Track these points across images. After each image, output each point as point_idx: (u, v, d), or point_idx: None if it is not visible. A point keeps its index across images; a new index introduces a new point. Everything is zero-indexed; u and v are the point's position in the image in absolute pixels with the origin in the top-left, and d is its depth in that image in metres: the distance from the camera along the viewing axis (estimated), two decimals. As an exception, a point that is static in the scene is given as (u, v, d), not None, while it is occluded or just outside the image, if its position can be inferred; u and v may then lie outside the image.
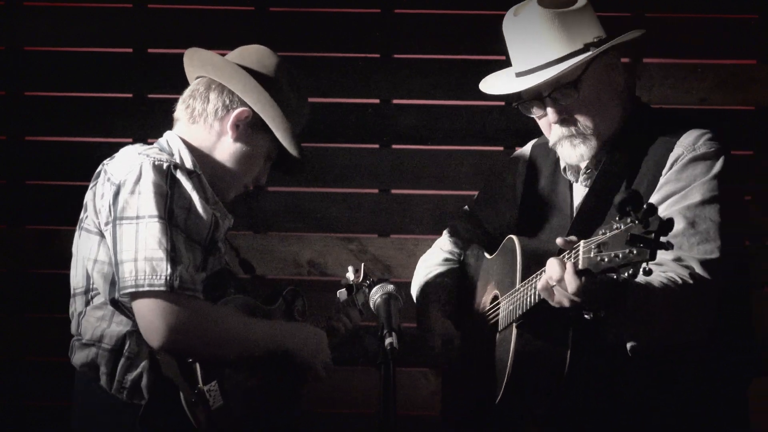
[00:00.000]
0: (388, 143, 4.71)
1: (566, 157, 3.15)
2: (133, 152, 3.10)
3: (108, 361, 3.06)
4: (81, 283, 3.13)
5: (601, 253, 2.59)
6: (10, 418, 4.72)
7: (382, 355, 2.69)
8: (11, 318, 4.73)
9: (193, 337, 2.98)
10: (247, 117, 3.20)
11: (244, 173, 3.26)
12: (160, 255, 2.95)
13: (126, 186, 3.01)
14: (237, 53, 3.30)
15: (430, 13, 4.70)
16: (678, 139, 3.04)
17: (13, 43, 4.73)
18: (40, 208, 4.71)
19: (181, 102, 3.27)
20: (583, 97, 3.09)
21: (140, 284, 2.95)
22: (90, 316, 3.10)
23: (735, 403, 3.08)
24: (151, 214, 2.97)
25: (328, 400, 4.58)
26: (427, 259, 3.58)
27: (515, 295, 3.00)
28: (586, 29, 3.10)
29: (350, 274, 3.64)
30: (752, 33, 4.54)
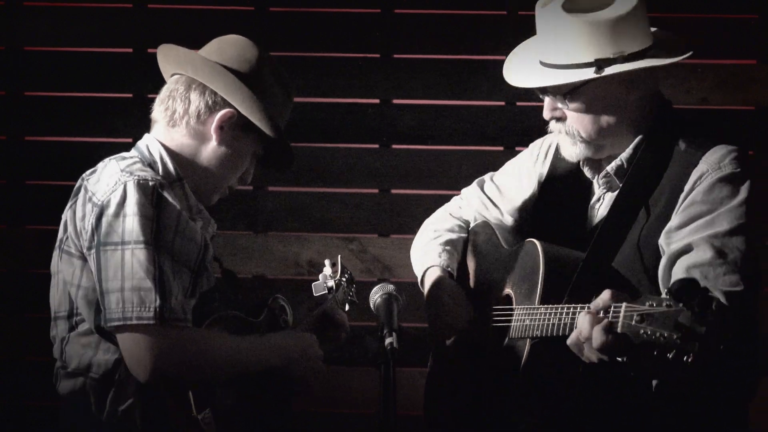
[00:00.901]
0: (388, 143, 4.71)
1: (563, 151, 3.14)
2: (115, 169, 2.94)
3: (97, 390, 2.92)
4: (63, 307, 2.98)
5: (643, 324, 2.53)
6: (10, 418, 4.72)
7: (382, 355, 2.69)
8: (11, 318, 4.73)
9: (183, 369, 2.85)
10: (232, 117, 3.02)
11: (229, 176, 3.10)
12: (148, 285, 2.80)
13: (109, 208, 2.86)
14: (215, 48, 3.11)
15: (430, 13, 4.70)
16: (703, 154, 2.96)
17: (13, 43, 4.73)
18: (40, 208, 4.71)
19: (159, 103, 3.09)
20: (574, 108, 3.03)
21: (128, 317, 2.80)
22: (75, 343, 2.95)
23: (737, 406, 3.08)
24: (137, 239, 2.82)
25: (328, 400, 4.58)
26: (435, 222, 3.53)
27: (535, 314, 2.96)
28: (610, 42, 2.98)
29: (327, 269, 3.60)
30: (752, 33, 4.54)
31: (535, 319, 2.95)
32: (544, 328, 2.90)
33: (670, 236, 2.93)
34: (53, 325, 3.02)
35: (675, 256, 2.91)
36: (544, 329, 2.90)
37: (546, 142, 3.38)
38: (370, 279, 4.65)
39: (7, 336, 4.71)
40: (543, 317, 2.92)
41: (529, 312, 3.00)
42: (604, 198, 3.13)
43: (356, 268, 4.68)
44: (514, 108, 4.67)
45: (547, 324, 2.89)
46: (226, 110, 3.02)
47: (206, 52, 3.12)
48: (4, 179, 4.75)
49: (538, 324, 2.93)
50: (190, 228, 2.93)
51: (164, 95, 3.08)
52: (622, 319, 2.58)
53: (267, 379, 3.05)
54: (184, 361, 2.85)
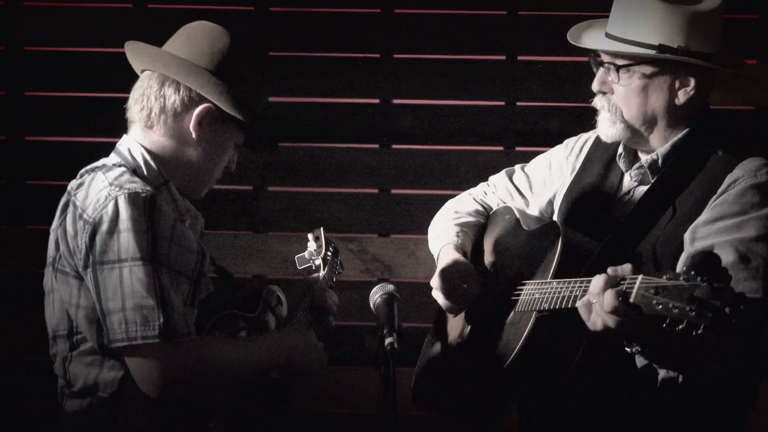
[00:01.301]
0: (388, 143, 4.71)
1: (599, 130, 3.15)
2: (103, 183, 2.86)
3: (106, 409, 2.87)
4: (62, 326, 2.91)
5: (657, 296, 2.54)
6: (10, 418, 4.72)
7: (382, 355, 2.68)
8: (11, 318, 4.73)
9: (194, 383, 2.83)
10: (210, 112, 2.95)
11: (214, 169, 3.04)
12: (151, 303, 2.74)
13: (102, 225, 2.79)
14: (184, 41, 3.03)
15: (430, 13, 4.70)
16: (739, 161, 2.98)
17: (13, 43, 4.73)
18: (40, 208, 4.67)
19: (134, 102, 3.01)
20: (624, 84, 3.04)
21: (132, 337, 2.75)
22: (78, 362, 2.90)
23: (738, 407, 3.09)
24: (134, 256, 2.75)
25: (328, 400, 4.59)
26: (457, 204, 3.53)
27: (545, 287, 2.97)
28: (679, 34, 3.00)
29: (311, 243, 3.60)
30: (752, 33, 4.54)
31: (545, 292, 2.95)
32: (554, 300, 2.90)
33: (695, 231, 2.94)
34: (52, 343, 2.96)
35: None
36: (553, 302, 2.89)
37: (582, 138, 3.39)
38: (370, 279, 4.66)
39: (7, 336, 4.71)
40: (554, 290, 2.92)
41: (539, 286, 3.00)
42: (634, 192, 3.14)
43: (356, 268, 4.68)
44: (514, 108, 4.67)
45: (558, 296, 2.89)
46: (203, 106, 2.95)
47: (175, 45, 3.05)
48: (4, 179, 4.75)
49: (547, 297, 2.93)
50: (186, 236, 2.88)
51: (138, 94, 3.02)
52: (637, 289, 2.59)
53: (268, 378, 3.05)
54: (194, 375, 2.83)
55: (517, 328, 3.02)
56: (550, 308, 2.90)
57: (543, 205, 3.40)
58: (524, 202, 3.44)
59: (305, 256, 3.60)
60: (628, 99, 3.06)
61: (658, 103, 3.06)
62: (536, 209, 3.41)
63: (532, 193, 3.44)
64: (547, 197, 3.40)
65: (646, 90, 3.05)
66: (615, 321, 2.65)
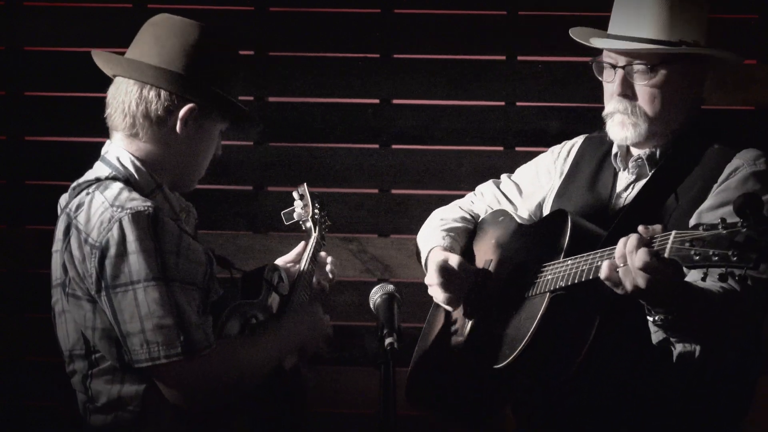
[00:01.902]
0: (388, 143, 4.71)
1: (612, 133, 3.16)
2: (104, 204, 2.86)
3: (131, 422, 2.89)
4: (78, 346, 2.93)
5: (694, 247, 2.56)
6: (10, 418, 4.72)
7: (382, 355, 2.68)
8: (11, 318, 4.73)
9: (221, 390, 2.87)
10: (193, 111, 2.94)
11: (203, 161, 3.04)
12: (170, 322, 2.77)
13: (110, 249, 2.79)
14: (152, 42, 2.98)
15: (430, 13, 4.70)
16: (737, 151, 3.06)
17: (13, 43, 4.73)
18: (40, 208, 4.69)
19: (114, 110, 3.02)
20: (651, 85, 3.08)
21: (155, 357, 2.78)
22: (99, 380, 2.91)
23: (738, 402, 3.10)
24: (146, 277, 2.77)
25: (328, 400, 4.58)
26: (443, 212, 3.55)
27: (558, 267, 2.98)
28: (689, 27, 3.10)
29: (297, 202, 3.65)
30: (752, 33, 4.54)
31: (559, 271, 2.96)
32: (572, 276, 2.91)
33: (701, 216, 2.98)
34: (69, 361, 2.98)
35: None
36: (571, 277, 2.90)
37: (568, 144, 3.44)
38: (370, 279, 4.66)
39: (7, 336, 4.71)
40: (570, 267, 2.93)
41: (551, 267, 3.01)
42: (634, 187, 3.17)
43: (356, 268, 4.68)
44: (514, 108, 4.67)
45: (576, 271, 2.90)
46: (187, 107, 2.94)
47: (145, 47, 3.00)
48: (4, 179, 4.75)
49: (563, 274, 2.94)
50: (192, 248, 2.88)
51: (117, 101, 3.01)
52: (671, 244, 2.61)
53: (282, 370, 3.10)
54: (221, 383, 2.87)
55: (528, 312, 3.01)
56: (567, 284, 2.91)
57: (532, 209, 3.42)
58: (513, 207, 3.46)
59: (292, 215, 3.64)
60: (653, 99, 3.09)
61: (676, 99, 3.12)
62: (525, 213, 3.43)
63: (521, 198, 3.45)
64: (536, 201, 3.42)
65: (670, 88, 3.10)
66: (645, 279, 2.66)
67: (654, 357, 2.94)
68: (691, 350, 2.85)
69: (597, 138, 3.36)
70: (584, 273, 2.87)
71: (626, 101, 3.10)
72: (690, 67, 3.11)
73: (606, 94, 3.17)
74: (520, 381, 3.07)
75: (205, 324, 2.86)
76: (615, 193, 3.20)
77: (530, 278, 3.09)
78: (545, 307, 2.95)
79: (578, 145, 3.40)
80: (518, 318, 3.05)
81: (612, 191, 3.21)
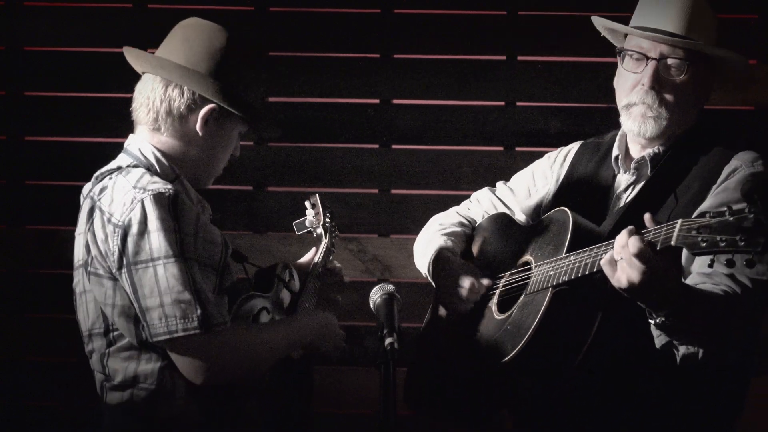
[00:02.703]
0: (388, 143, 4.71)
1: (630, 125, 3.16)
2: (126, 186, 2.98)
3: (146, 399, 2.99)
4: (98, 325, 3.03)
5: (701, 234, 2.58)
6: (10, 418, 4.72)
7: (382, 355, 2.69)
8: (11, 318, 4.73)
9: (235, 370, 2.97)
10: (213, 112, 3.07)
11: (222, 160, 3.17)
12: (188, 297, 2.88)
13: (132, 227, 2.91)
14: (180, 43, 3.13)
15: (430, 13, 4.70)
16: (734, 153, 3.09)
17: (13, 43, 4.73)
18: (40, 208, 4.71)
19: (140, 105, 3.13)
20: (681, 82, 3.10)
21: (173, 330, 2.88)
22: (116, 357, 3.01)
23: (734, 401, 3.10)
24: (166, 254, 2.89)
25: (328, 400, 4.58)
26: (441, 218, 3.56)
27: (560, 262, 2.99)
28: (709, 31, 3.14)
29: (309, 211, 3.70)
30: (752, 33, 4.55)
31: (561, 266, 2.98)
32: (574, 270, 2.92)
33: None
34: (87, 341, 3.06)
35: None
36: (574, 271, 2.92)
37: (564, 150, 3.46)
38: (370, 279, 4.66)
39: (7, 336, 4.71)
40: (572, 261, 2.95)
41: (553, 263, 3.02)
42: (634, 188, 3.18)
43: (356, 268, 4.68)
44: (514, 108, 4.67)
45: (578, 266, 2.91)
46: (208, 107, 3.07)
47: (173, 48, 3.13)
48: (4, 179, 4.75)
49: (565, 269, 2.95)
50: (209, 230, 3.00)
51: (143, 97, 3.12)
52: (678, 232, 2.63)
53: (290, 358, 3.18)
54: (235, 362, 2.96)
55: (530, 308, 3.02)
56: (570, 278, 2.92)
57: (530, 213, 3.44)
58: (510, 212, 3.46)
59: (304, 223, 3.68)
60: (680, 95, 3.12)
61: (694, 100, 3.16)
62: (523, 217, 3.44)
63: (518, 203, 3.47)
64: (533, 205, 3.44)
65: (694, 87, 3.13)
66: (639, 270, 2.67)
67: (654, 356, 2.94)
68: (694, 352, 2.86)
69: (592, 144, 3.38)
70: (587, 267, 2.89)
71: (653, 93, 3.11)
72: (705, 71, 3.14)
73: (626, 84, 3.16)
74: (520, 380, 3.07)
75: (220, 304, 2.98)
76: (614, 195, 3.21)
77: (532, 275, 3.10)
78: (548, 302, 2.96)
79: (574, 150, 3.42)
80: (520, 315, 3.06)
81: (611, 193, 3.22)
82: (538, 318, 2.95)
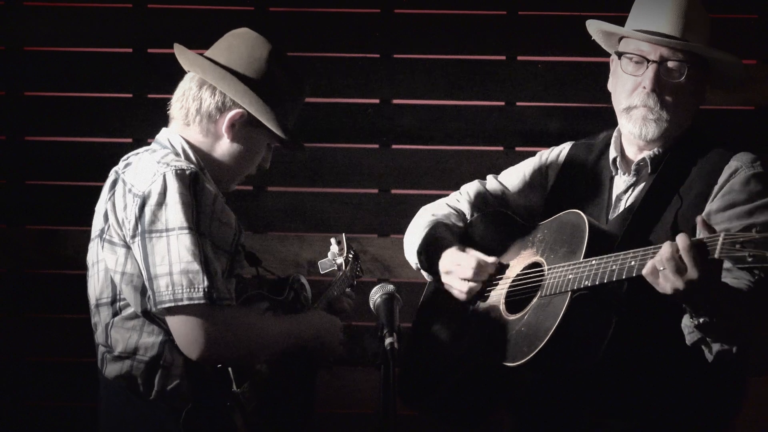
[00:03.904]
0: (388, 143, 4.71)
1: (630, 128, 3.16)
2: (151, 161, 3.06)
3: (144, 372, 3.02)
4: (106, 294, 3.07)
5: (746, 249, 2.64)
6: (10, 418, 4.72)
7: (382, 355, 2.69)
8: (11, 318, 4.73)
9: (232, 347, 2.99)
10: (242, 117, 3.14)
11: (246, 167, 3.23)
12: (196, 267, 2.93)
13: (151, 198, 2.97)
14: (225, 47, 3.20)
15: (430, 13, 4.70)
16: (733, 154, 3.12)
17: (13, 43, 4.73)
18: (40, 208, 4.71)
19: (175, 101, 3.20)
20: (681, 84, 3.12)
21: (178, 298, 2.93)
22: (119, 327, 3.05)
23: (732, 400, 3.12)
24: (180, 225, 2.94)
25: (328, 400, 4.58)
26: (431, 209, 3.54)
27: (580, 266, 2.98)
28: (704, 33, 3.17)
29: (333, 246, 3.71)
30: (752, 33, 4.54)
31: (581, 271, 2.97)
32: (599, 276, 2.92)
33: (710, 218, 3.01)
34: (94, 312, 3.10)
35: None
36: (599, 277, 2.92)
37: (555, 150, 3.45)
38: (370, 279, 4.65)
39: (7, 336, 4.71)
40: (595, 267, 2.95)
41: (571, 267, 3.01)
42: (634, 189, 3.18)
43: (356, 268, 4.68)
44: (514, 108, 4.67)
45: (604, 271, 2.92)
46: (236, 111, 3.13)
47: (216, 51, 3.21)
48: (4, 179, 4.74)
49: (587, 274, 2.95)
50: (226, 212, 3.06)
51: (179, 93, 3.19)
52: (721, 245, 2.68)
53: (300, 352, 3.18)
54: (235, 339, 2.99)
55: (547, 311, 3.01)
56: (595, 284, 2.93)
57: (521, 213, 3.40)
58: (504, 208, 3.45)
59: (327, 261, 3.71)
60: (680, 97, 3.14)
61: (693, 101, 3.18)
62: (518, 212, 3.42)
63: (508, 199, 3.44)
64: (525, 205, 3.42)
65: (692, 89, 3.15)
66: (698, 280, 2.73)
67: (656, 355, 2.97)
68: (728, 349, 2.90)
69: (584, 145, 3.37)
70: (613, 273, 2.90)
71: (655, 96, 3.12)
72: (702, 72, 3.16)
73: (626, 87, 3.16)
74: (528, 380, 3.07)
75: (229, 283, 3.03)
76: (613, 196, 3.21)
77: (546, 278, 3.08)
78: (567, 306, 2.96)
79: (566, 151, 3.41)
80: (536, 317, 3.05)
81: (609, 194, 3.22)
82: (557, 321, 2.94)
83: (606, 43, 3.29)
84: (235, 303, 3.01)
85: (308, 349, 3.20)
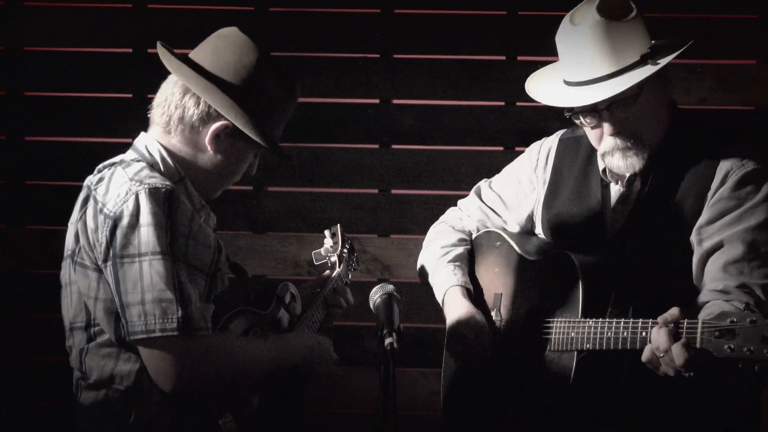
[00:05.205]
0: (388, 143, 4.71)
1: (615, 168, 3.14)
2: (123, 178, 2.90)
3: (121, 401, 2.90)
4: (80, 318, 2.96)
5: (724, 339, 2.64)
6: (10, 418, 4.73)
7: (382, 355, 2.69)
8: (11, 318, 4.73)
9: (208, 378, 2.86)
10: (226, 128, 2.99)
11: (230, 177, 3.09)
12: (169, 296, 2.79)
13: (123, 220, 2.83)
14: (211, 52, 3.03)
15: (430, 13, 4.70)
16: (722, 152, 3.07)
17: (13, 43, 4.73)
18: (40, 208, 4.71)
19: (156, 105, 3.04)
20: (640, 109, 3.07)
21: (151, 329, 2.79)
22: (94, 354, 2.93)
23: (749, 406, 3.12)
24: (153, 250, 2.80)
25: (328, 400, 4.58)
26: (439, 238, 3.53)
27: (580, 326, 2.99)
28: (640, 39, 3.06)
29: (327, 240, 3.64)
30: (752, 33, 4.54)
31: (581, 331, 2.98)
32: (597, 341, 2.94)
33: (701, 232, 3.01)
34: (69, 335, 3.00)
35: (708, 253, 3.01)
36: (597, 342, 2.94)
37: (544, 147, 3.41)
38: (370, 279, 4.65)
39: (7, 336, 4.71)
40: (592, 330, 2.96)
41: (572, 324, 3.02)
42: (629, 201, 3.17)
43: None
44: (514, 108, 4.67)
45: (601, 338, 2.93)
46: (220, 123, 2.99)
47: (201, 54, 3.05)
48: (4, 179, 4.75)
49: (587, 337, 2.96)
50: (203, 232, 2.91)
51: (161, 98, 3.05)
52: (700, 335, 2.68)
53: (285, 377, 3.07)
54: (210, 371, 2.86)
55: (558, 368, 3.04)
56: (594, 349, 2.95)
57: (522, 221, 3.41)
58: (501, 220, 3.45)
59: (321, 253, 3.65)
60: (644, 120, 3.09)
61: (659, 109, 3.12)
62: (516, 225, 3.42)
63: (508, 211, 3.44)
64: (525, 213, 3.41)
65: (652, 103, 3.10)
66: (688, 368, 2.72)
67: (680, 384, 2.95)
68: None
69: (572, 140, 3.35)
70: (611, 341, 2.91)
71: (622, 136, 3.09)
72: (658, 74, 3.07)
73: (593, 136, 3.15)
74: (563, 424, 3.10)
75: (205, 310, 2.87)
76: (609, 207, 3.20)
77: (549, 329, 3.10)
78: (575, 367, 2.99)
79: (554, 148, 3.38)
80: (544, 372, 3.08)
81: (605, 203, 3.20)
82: (570, 382, 2.99)
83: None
84: (211, 332, 2.86)
85: (297, 373, 3.09)
